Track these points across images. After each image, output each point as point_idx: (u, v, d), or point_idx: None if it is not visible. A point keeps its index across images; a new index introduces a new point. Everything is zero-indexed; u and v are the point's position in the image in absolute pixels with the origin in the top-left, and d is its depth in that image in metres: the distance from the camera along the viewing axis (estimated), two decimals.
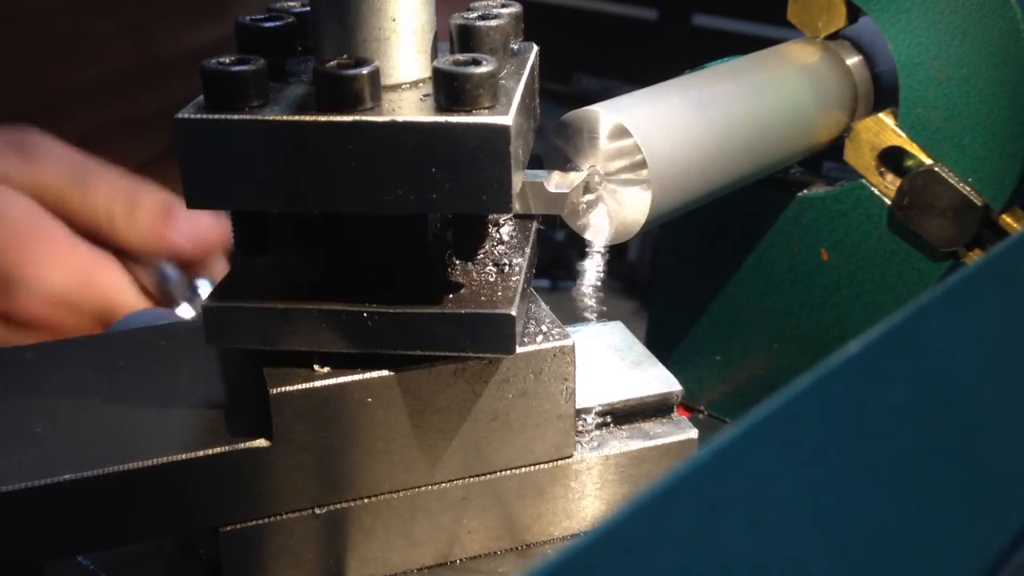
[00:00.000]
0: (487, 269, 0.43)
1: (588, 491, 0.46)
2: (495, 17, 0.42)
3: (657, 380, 0.48)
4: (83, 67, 0.75)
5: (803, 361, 0.59)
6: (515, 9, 0.44)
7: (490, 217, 0.46)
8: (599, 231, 0.46)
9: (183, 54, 0.75)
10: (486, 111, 0.37)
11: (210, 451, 0.40)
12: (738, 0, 1.09)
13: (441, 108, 0.38)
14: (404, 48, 0.40)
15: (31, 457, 0.40)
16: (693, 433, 0.48)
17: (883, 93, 0.57)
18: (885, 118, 0.55)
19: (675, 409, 0.49)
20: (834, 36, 0.57)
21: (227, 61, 0.38)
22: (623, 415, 0.48)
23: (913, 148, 0.54)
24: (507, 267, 0.43)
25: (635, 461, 0.47)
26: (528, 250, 0.45)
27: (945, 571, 0.29)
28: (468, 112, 0.37)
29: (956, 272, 0.43)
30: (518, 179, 0.39)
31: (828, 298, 0.58)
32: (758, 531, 0.25)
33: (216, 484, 0.41)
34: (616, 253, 0.45)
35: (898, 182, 0.54)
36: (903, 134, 0.54)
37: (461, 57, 0.39)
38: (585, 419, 0.46)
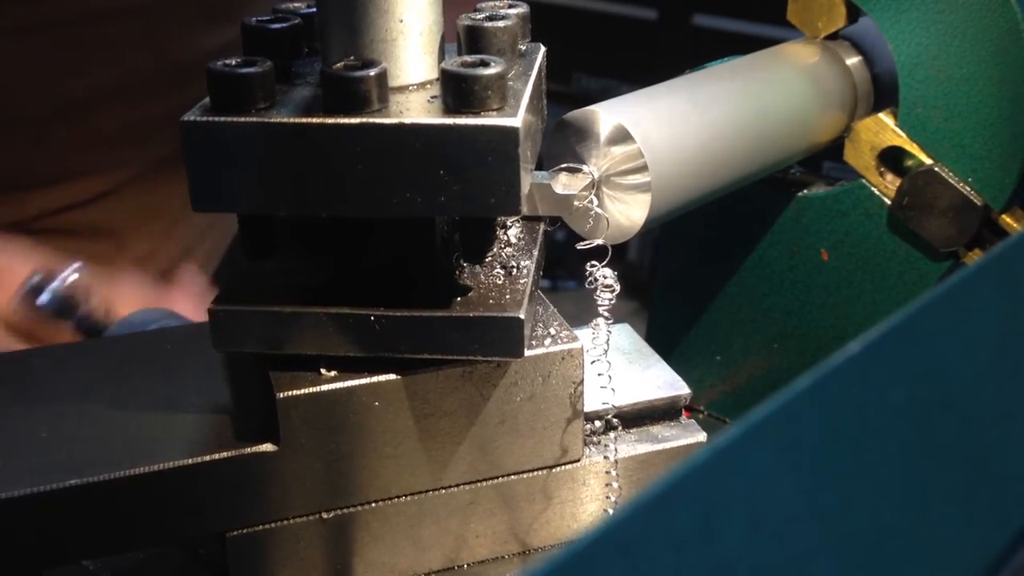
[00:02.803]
0: (495, 272, 0.43)
1: (596, 495, 0.46)
2: (503, 18, 0.41)
3: (665, 383, 0.48)
4: (100, 72, 0.76)
5: (803, 361, 0.59)
6: (522, 10, 0.43)
7: (498, 219, 0.46)
8: (599, 231, 0.46)
9: (198, 58, 0.75)
10: (495, 113, 0.37)
11: (217, 456, 0.40)
12: (738, 0, 1.09)
13: (449, 110, 0.37)
14: (411, 49, 0.40)
15: (36, 462, 0.40)
16: (702, 436, 0.48)
17: (883, 93, 0.57)
18: (885, 118, 0.55)
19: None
20: (834, 36, 0.57)
21: (233, 63, 0.38)
22: (631, 418, 0.48)
23: (913, 148, 0.54)
24: (515, 270, 0.43)
25: (643, 464, 0.47)
26: (536, 252, 0.45)
27: (945, 571, 0.29)
28: (477, 114, 0.37)
29: (956, 272, 0.43)
30: (527, 181, 0.39)
31: (828, 298, 0.58)
32: (758, 531, 0.25)
33: (223, 489, 0.41)
34: (616, 253, 0.45)
35: (898, 182, 0.54)
36: (903, 134, 0.54)
37: (469, 58, 0.38)
38: (593, 422, 0.46)
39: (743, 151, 0.51)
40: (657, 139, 0.45)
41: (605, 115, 0.44)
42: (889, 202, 0.55)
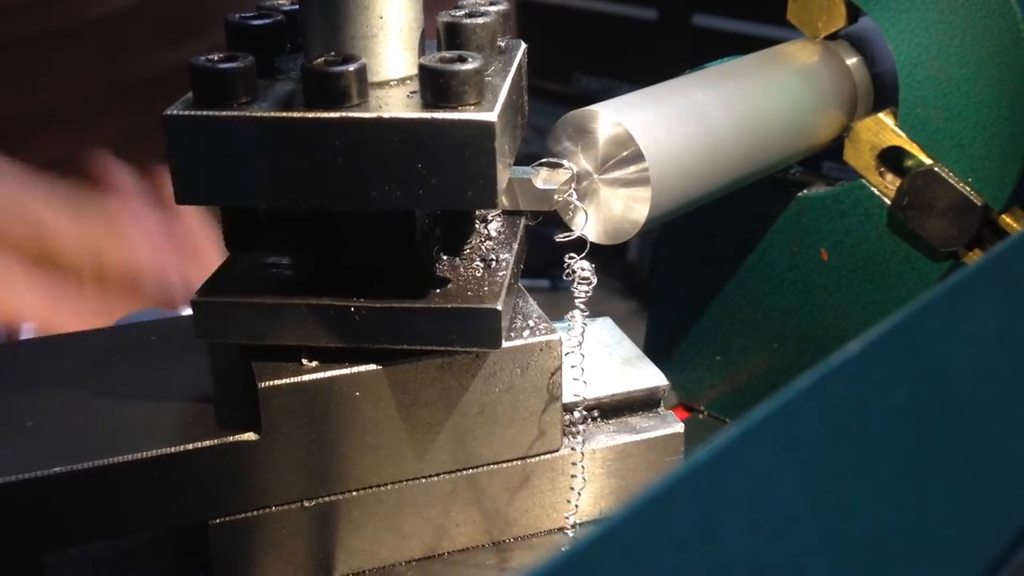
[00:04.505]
0: (474, 264, 0.43)
1: (575, 485, 0.46)
2: (482, 15, 0.42)
3: (644, 375, 0.49)
4: (51, 92, 0.75)
5: (803, 361, 0.58)
6: (503, 7, 0.44)
7: (478, 213, 0.46)
8: (596, 230, 0.46)
9: (151, 78, 0.75)
10: (472, 108, 0.38)
11: (200, 444, 0.40)
12: (738, 0, 1.09)
13: (427, 105, 0.38)
14: (391, 45, 0.40)
15: (22, 450, 0.40)
16: (679, 427, 0.48)
17: (883, 93, 0.57)
18: (885, 118, 0.55)
19: (661, 403, 0.49)
20: (834, 36, 0.57)
21: (216, 58, 0.38)
22: (610, 409, 0.48)
23: (913, 148, 0.54)
24: (494, 262, 0.44)
25: (621, 455, 0.47)
26: (516, 246, 0.45)
27: (945, 571, 0.29)
28: (454, 109, 0.37)
29: (956, 272, 0.43)
30: (504, 175, 0.39)
31: (828, 298, 0.57)
32: (758, 531, 0.24)
33: (206, 477, 0.41)
34: (616, 253, 0.44)
35: (898, 182, 0.54)
36: (903, 134, 0.54)
37: (447, 54, 0.39)
38: (572, 413, 0.46)
39: (743, 151, 0.51)
40: (657, 139, 0.45)
41: (605, 114, 0.44)
42: (889, 202, 0.54)
